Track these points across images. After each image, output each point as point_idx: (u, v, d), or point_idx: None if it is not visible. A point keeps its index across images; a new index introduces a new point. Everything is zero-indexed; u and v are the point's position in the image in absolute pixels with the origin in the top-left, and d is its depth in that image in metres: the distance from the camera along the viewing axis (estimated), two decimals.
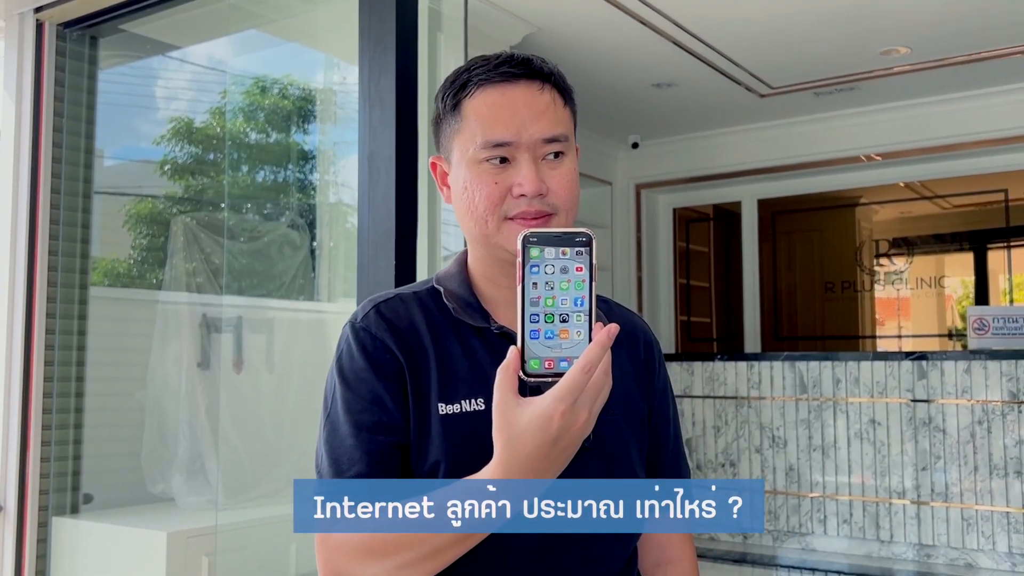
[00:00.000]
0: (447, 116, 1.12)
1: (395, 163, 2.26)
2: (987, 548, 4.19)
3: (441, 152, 1.15)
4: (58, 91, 3.57)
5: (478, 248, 1.14)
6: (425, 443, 1.05)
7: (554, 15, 4.19)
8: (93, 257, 3.86)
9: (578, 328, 0.88)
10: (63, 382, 3.55)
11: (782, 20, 4.28)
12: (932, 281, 6.36)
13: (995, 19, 4.29)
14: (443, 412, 1.05)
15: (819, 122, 5.83)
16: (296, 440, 3.72)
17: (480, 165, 1.07)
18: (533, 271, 0.88)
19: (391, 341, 1.08)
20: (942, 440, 4.33)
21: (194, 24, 3.80)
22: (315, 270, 4.23)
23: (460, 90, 1.10)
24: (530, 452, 0.87)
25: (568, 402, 0.86)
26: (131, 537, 3.32)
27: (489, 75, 1.09)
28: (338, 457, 1.05)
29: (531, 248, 0.88)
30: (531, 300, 0.88)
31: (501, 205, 1.07)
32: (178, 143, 4.90)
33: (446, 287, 1.14)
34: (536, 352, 0.88)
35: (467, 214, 1.10)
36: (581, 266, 0.88)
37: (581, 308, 0.88)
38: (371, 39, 2.34)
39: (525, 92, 1.08)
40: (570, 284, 0.88)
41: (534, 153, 1.07)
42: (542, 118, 1.08)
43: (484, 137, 1.07)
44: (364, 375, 1.07)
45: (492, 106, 1.07)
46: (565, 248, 0.88)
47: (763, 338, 6.42)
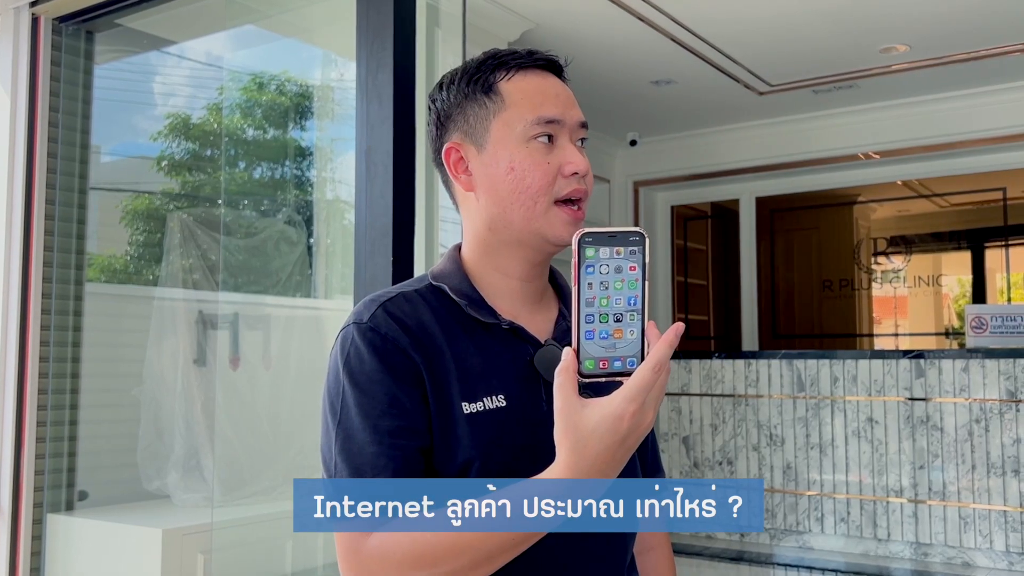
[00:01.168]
0: (475, 98, 1.11)
1: (393, 158, 2.24)
2: (984, 547, 4.19)
3: (458, 138, 1.12)
4: (54, 86, 3.55)
5: (501, 235, 1.11)
6: (452, 443, 1.02)
7: (553, 11, 4.18)
8: (89, 253, 3.85)
9: (631, 328, 0.87)
10: (58, 378, 3.54)
11: (781, 17, 4.27)
12: (930, 280, 6.36)
13: (994, 17, 4.28)
14: (468, 411, 1.03)
15: (818, 120, 5.83)
16: (292, 437, 3.70)
17: (530, 144, 1.08)
18: (588, 271, 0.87)
19: (404, 341, 1.04)
20: (940, 439, 4.33)
21: (191, 19, 3.78)
22: (312, 267, 4.21)
23: (493, 72, 1.11)
24: (599, 453, 0.86)
25: (639, 402, 0.85)
26: (126, 534, 3.30)
27: (525, 61, 1.11)
28: (359, 465, 1.00)
29: (587, 248, 0.88)
30: (586, 300, 0.87)
31: (553, 185, 1.08)
32: (175, 139, 4.88)
33: (449, 284, 1.11)
34: (591, 353, 0.87)
35: (511, 195, 1.08)
36: (634, 265, 0.88)
37: (634, 307, 0.88)
38: (369, 33, 2.33)
39: (558, 81, 1.13)
40: (624, 284, 0.88)
41: (573, 136, 1.10)
42: (576, 105, 1.12)
43: (536, 113, 1.08)
44: (378, 377, 1.02)
45: (538, 87, 1.10)
46: (619, 248, 0.88)
47: (761, 336, 6.41)
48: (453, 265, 1.14)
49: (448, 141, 1.13)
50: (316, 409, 1.11)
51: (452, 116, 1.12)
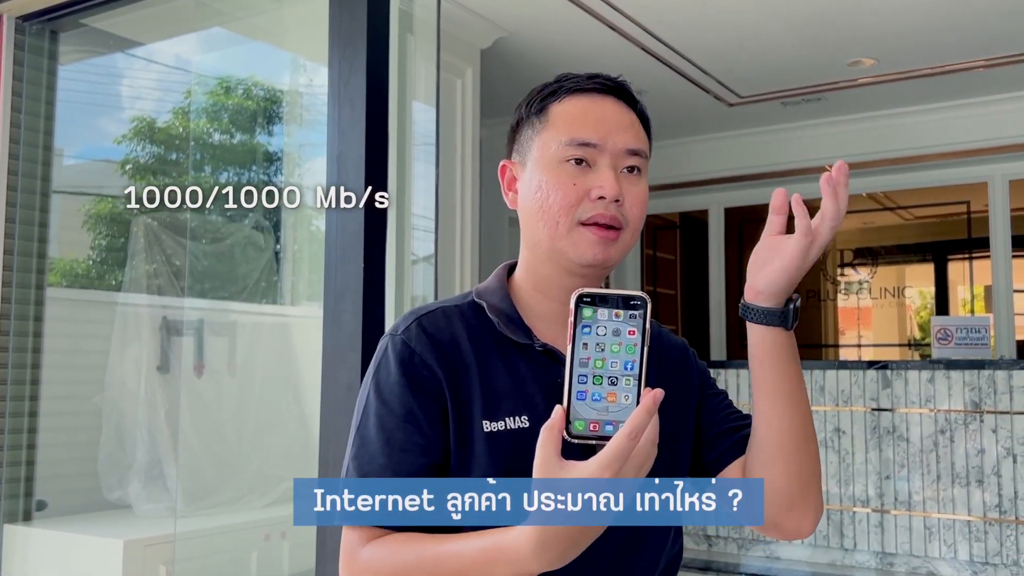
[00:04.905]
0: (530, 119, 1.12)
1: (365, 164, 2.22)
2: (948, 556, 4.23)
3: (515, 157, 1.15)
4: (16, 86, 3.48)
5: (537, 254, 1.12)
6: (468, 461, 1.02)
7: (525, 19, 4.18)
8: (51, 257, 3.78)
9: (626, 392, 0.85)
10: (17, 385, 3.47)
11: (751, 28, 4.30)
12: (895, 291, 6.44)
13: (959, 33, 4.35)
14: (488, 430, 1.03)
15: (786, 132, 5.88)
16: (258, 446, 3.65)
17: (561, 165, 1.07)
18: (585, 331, 0.86)
19: (431, 356, 1.05)
20: (905, 449, 4.37)
21: (158, 20, 3.73)
22: (279, 273, 4.17)
23: (549, 96, 1.12)
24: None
25: (613, 469, 0.83)
26: (86, 545, 3.23)
27: (581, 84, 1.11)
28: (368, 473, 1.02)
29: (584, 308, 0.86)
30: (580, 361, 0.85)
31: (577, 207, 1.06)
32: (140, 142, 4.81)
33: (488, 301, 1.11)
34: (582, 414, 0.85)
35: (537, 214, 1.08)
36: (634, 329, 0.86)
37: (631, 372, 0.85)
38: (342, 38, 2.30)
39: (615, 105, 1.11)
40: (621, 347, 0.86)
41: (615, 163, 1.08)
42: (628, 130, 1.10)
43: (570, 135, 1.07)
44: (399, 390, 1.04)
45: (582, 110, 1.09)
46: (619, 311, 0.86)
47: (729, 346, 6.45)
48: (497, 283, 1.15)
49: (506, 158, 1.16)
50: (282, 417, 1.11)
51: (515, 134, 1.15)
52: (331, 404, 2.20)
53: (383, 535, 0.99)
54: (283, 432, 3.70)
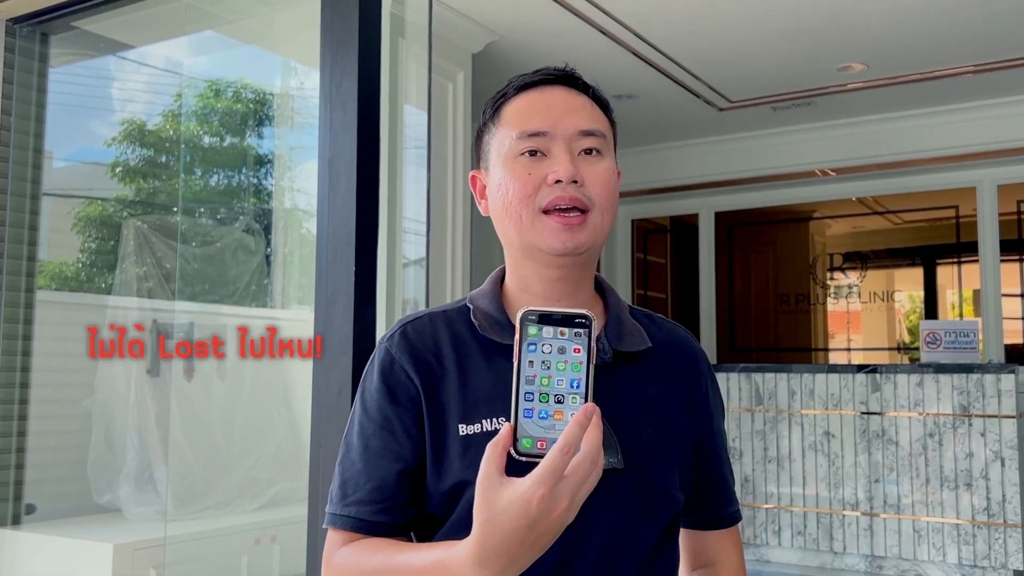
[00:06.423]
0: (487, 125, 1.14)
1: (356, 167, 2.22)
2: (937, 559, 4.24)
3: (480, 165, 1.16)
4: (6, 88, 3.47)
5: (513, 252, 1.13)
6: (442, 464, 1.04)
7: (516, 24, 4.18)
8: (40, 260, 3.76)
9: (573, 410, 0.85)
10: (6, 388, 3.45)
11: (742, 34, 4.32)
12: (884, 295, 6.46)
13: (949, 39, 4.38)
14: (463, 433, 1.03)
15: (776, 136, 5.90)
16: (248, 449, 3.64)
17: (516, 159, 1.08)
18: (530, 349, 0.86)
19: (408, 364, 1.07)
20: (894, 452, 4.39)
21: (149, 23, 3.72)
22: (270, 276, 4.16)
23: (501, 99, 1.13)
24: (506, 534, 0.84)
25: (548, 486, 0.82)
26: (76, 549, 3.22)
27: (527, 79, 1.13)
28: (346, 481, 1.07)
29: (529, 326, 0.86)
30: (527, 378, 0.86)
31: (535, 196, 1.07)
32: (130, 145, 4.79)
33: (476, 304, 1.12)
34: (529, 431, 0.85)
35: (502, 211, 1.09)
36: (579, 347, 0.86)
37: (577, 391, 0.86)
38: (333, 41, 2.30)
39: (562, 92, 1.12)
40: (567, 365, 0.86)
41: (570, 146, 1.08)
42: (579, 112, 1.10)
43: (520, 128, 1.08)
44: (378, 396, 1.08)
45: (530, 103, 1.10)
46: (564, 328, 0.86)
47: (719, 349, 6.46)
48: (489, 286, 1.16)
49: (473, 169, 1.18)
50: (272, 421, 1.13)
51: (478, 144, 1.17)
52: (321, 408, 2.20)
53: (358, 539, 1.04)
54: (273, 436, 3.69)
